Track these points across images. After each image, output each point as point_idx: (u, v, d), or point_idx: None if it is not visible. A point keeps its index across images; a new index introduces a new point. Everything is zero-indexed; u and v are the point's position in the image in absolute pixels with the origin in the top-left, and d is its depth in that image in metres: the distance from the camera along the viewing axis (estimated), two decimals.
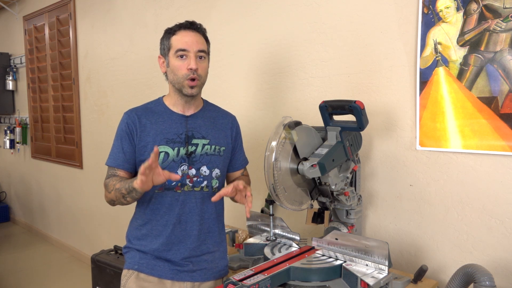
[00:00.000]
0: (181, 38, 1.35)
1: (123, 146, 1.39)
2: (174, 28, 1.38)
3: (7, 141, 4.78)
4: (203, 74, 1.39)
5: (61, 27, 3.80)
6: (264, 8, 2.10)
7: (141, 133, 1.38)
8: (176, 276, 1.40)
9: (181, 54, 1.34)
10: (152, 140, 1.37)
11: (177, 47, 1.35)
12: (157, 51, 1.48)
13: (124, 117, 1.42)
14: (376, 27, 1.67)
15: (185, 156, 1.39)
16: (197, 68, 1.35)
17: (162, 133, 1.39)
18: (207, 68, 1.42)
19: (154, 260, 1.40)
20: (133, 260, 1.43)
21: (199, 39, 1.37)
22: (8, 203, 5.32)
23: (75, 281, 3.39)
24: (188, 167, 1.39)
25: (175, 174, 1.25)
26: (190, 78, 1.35)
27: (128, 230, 1.50)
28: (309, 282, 1.26)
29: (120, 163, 1.39)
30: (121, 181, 1.34)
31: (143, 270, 1.40)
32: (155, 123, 1.40)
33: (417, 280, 1.42)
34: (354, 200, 1.53)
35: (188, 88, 1.36)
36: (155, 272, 1.40)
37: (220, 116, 1.52)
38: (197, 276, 1.42)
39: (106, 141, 3.39)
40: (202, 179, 1.41)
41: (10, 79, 4.74)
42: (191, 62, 1.33)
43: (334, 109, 1.43)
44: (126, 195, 1.30)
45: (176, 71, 1.36)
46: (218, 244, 1.49)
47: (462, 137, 1.46)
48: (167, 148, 1.37)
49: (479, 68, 1.42)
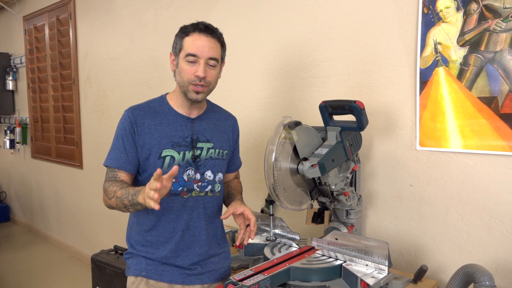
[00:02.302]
0: (194, 41, 1.28)
1: (125, 146, 1.32)
2: (189, 29, 1.30)
3: (7, 141, 4.78)
4: (212, 81, 1.32)
5: (61, 27, 3.80)
6: (264, 8, 2.10)
7: (142, 133, 1.32)
8: (186, 280, 1.37)
9: (191, 60, 1.28)
10: (157, 143, 1.32)
11: (187, 51, 1.28)
12: (157, 51, 1.48)
13: (125, 115, 1.34)
14: (376, 27, 1.67)
15: (191, 160, 1.35)
16: (205, 76, 1.28)
17: (168, 136, 1.33)
18: (217, 76, 1.35)
19: (162, 266, 1.37)
20: (140, 266, 1.37)
21: (213, 45, 1.29)
22: (8, 203, 5.31)
23: (75, 281, 3.39)
24: (194, 171, 1.36)
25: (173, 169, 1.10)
26: (195, 84, 1.29)
27: (129, 234, 1.44)
28: (309, 282, 1.26)
29: (122, 164, 1.32)
30: (122, 188, 1.25)
31: (152, 276, 1.36)
32: (159, 125, 1.34)
33: (417, 280, 1.42)
34: (354, 200, 1.53)
35: (193, 93, 1.30)
36: (164, 277, 1.36)
37: (223, 118, 1.50)
38: (206, 278, 1.41)
39: (106, 141, 3.39)
40: (206, 183, 1.39)
41: (10, 79, 4.74)
42: (199, 69, 1.27)
43: (334, 109, 1.43)
44: (129, 206, 1.23)
45: (183, 74, 1.30)
46: (223, 245, 1.49)
47: (462, 137, 1.46)
48: (173, 152, 1.33)
49: (479, 68, 1.42)
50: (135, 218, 1.42)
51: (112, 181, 1.31)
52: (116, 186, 1.27)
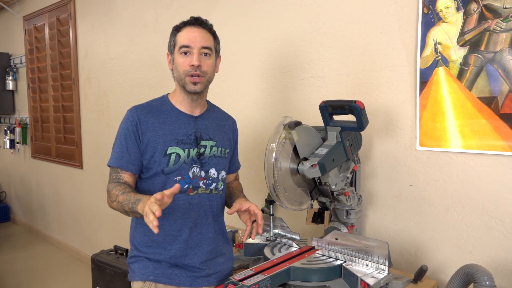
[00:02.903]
0: (186, 34, 1.32)
1: (128, 146, 1.32)
2: (180, 25, 1.35)
3: (7, 141, 4.78)
4: (208, 71, 1.34)
5: (61, 27, 3.80)
6: (264, 8, 2.10)
7: (146, 132, 1.33)
8: (194, 283, 1.37)
9: (185, 51, 1.31)
10: (162, 141, 1.32)
11: (180, 44, 1.32)
12: (157, 51, 1.48)
13: (128, 115, 1.35)
14: (376, 27, 1.67)
15: (196, 158, 1.36)
16: (200, 65, 1.31)
17: (172, 133, 1.34)
18: (213, 65, 1.37)
19: (170, 269, 1.35)
20: (146, 270, 1.35)
21: (204, 35, 1.33)
22: (8, 203, 5.31)
23: (75, 281, 3.39)
24: (199, 169, 1.37)
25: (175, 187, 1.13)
26: (191, 75, 1.31)
27: (132, 236, 1.42)
28: (309, 282, 1.26)
29: (124, 164, 1.32)
30: (124, 193, 1.25)
31: (160, 280, 1.34)
32: (163, 123, 1.35)
33: (417, 280, 1.42)
34: (354, 200, 1.53)
35: (190, 84, 1.32)
36: (172, 281, 1.35)
37: (223, 118, 1.51)
38: (213, 280, 1.41)
39: (106, 141, 3.39)
40: (211, 181, 1.39)
41: (10, 79, 4.74)
42: (193, 59, 1.30)
43: (334, 109, 1.43)
44: (130, 213, 1.24)
45: (179, 67, 1.33)
46: (227, 245, 1.49)
47: (462, 137, 1.46)
48: (178, 149, 1.33)
49: (479, 68, 1.42)
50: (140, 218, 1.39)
51: (115, 183, 1.31)
52: (118, 190, 1.27)
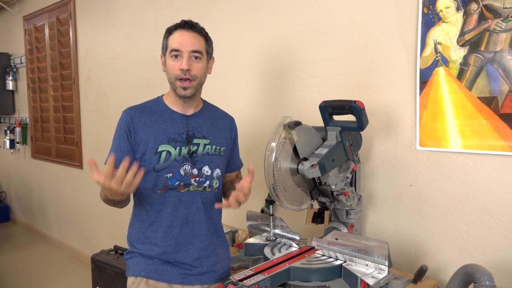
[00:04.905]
0: (176, 38, 1.34)
1: (121, 145, 1.37)
2: (172, 28, 1.37)
3: (7, 141, 4.78)
4: (198, 74, 1.36)
5: (61, 27, 3.80)
6: (264, 8, 2.10)
7: (138, 131, 1.36)
8: (185, 280, 1.38)
9: (175, 54, 1.33)
10: (153, 139, 1.36)
11: (171, 47, 1.34)
12: (157, 51, 1.49)
13: (122, 116, 1.40)
14: (376, 27, 1.67)
15: (187, 156, 1.38)
16: (189, 69, 1.33)
17: (163, 132, 1.37)
18: (204, 68, 1.39)
19: (162, 265, 1.38)
20: (139, 266, 1.39)
21: (194, 39, 1.34)
22: (8, 203, 5.32)
23: (75, 281, 3.39)
24: (191, 166, 1.39)
25: (125, 161, 1.14)
26: (180, 79, 1.33)
27: (129, 233, 1.46)
28: (309, 282, 1.26)
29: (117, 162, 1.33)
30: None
31: (151, 276, 1.37)
32: (155, 122, 1.38)
33: (417, 280, 1.42)
34: (354, 200, 1.53)
35: (180, 89, 1.35)
36: (164, 277, 1.37)
37: (220, 117, 1.52)
38: (206, 278, 1.41)
39: (106, 141, 3.39)
40: (204, 179, 1.41)
41: (10, 79, 4.74)
42: (183, 63, 1.32)
43: (334, 109, 1.43)
44: (109, 201, 1.28)
45: (170, 70, 1.36)
46: (223, 244, 1.50)
47: (462, 137, 1.46)
48: (169, 147, 1.36)
49: (479, 68, 1.42)
50: (136, 214, 1.45)
51: None
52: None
